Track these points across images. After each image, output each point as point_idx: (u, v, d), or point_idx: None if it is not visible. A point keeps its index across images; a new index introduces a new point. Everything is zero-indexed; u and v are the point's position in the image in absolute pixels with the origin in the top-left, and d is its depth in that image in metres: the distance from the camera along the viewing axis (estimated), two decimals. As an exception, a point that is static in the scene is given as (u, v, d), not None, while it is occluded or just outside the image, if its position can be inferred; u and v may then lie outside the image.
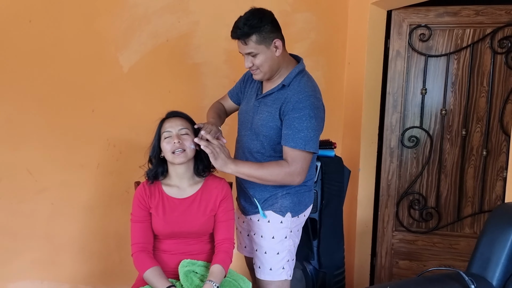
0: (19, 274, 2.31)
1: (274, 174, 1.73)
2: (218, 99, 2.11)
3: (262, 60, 1.72)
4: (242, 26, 1.66)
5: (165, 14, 2.39)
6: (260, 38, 1.68)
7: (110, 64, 2.33)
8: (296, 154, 1.72)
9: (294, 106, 1.71)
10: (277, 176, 1.73)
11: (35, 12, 2.19)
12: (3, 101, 2.19)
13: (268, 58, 1.72)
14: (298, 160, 1.72)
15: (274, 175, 1.73)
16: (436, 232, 2.68)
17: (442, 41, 2.57)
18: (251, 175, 1.74)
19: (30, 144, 2.25)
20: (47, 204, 2.31)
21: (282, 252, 1.85)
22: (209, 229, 1.79)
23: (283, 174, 1.73)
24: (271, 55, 1.72)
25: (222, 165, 1.70)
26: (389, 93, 2.66)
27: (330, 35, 2.76)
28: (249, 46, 1.69)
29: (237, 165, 1.73)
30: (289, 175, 1.73)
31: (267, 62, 1.73)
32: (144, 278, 1.69)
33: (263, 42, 1.69)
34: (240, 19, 1.70)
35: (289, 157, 1.73)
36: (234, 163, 1.73)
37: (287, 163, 1.73)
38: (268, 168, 1.74)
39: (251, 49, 1.70)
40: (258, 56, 1.71)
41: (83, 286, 2.41)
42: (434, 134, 2.63)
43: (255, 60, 1.72)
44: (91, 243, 2.41)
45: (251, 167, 1.75)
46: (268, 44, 1.70)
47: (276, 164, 1.75)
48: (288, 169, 1.72)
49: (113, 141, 2.38)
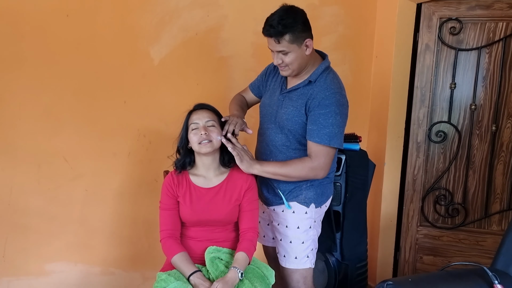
0: (55, 255, 2.44)
1: (298, 170, 1.80)
2: (239, 92, 2.16)
3: (292, 59, 1.75)
4: (276, 25, 1.67)
5: (195, 8, 2.44)
6: (293, 38, 1.70)
7: (142, 57, 2.41)
8: (320, 149, 1.77)
9: (320, 102, 1.75)
10: (301, 172, 1.80)
11: (72, 7, 2.29)
12: (42, 92, 2.31)
13: (298, 57, 1.75)
14: (321, 155, 1.78)
15: (298, 171, 1.80)
16: (462, 229, 2.65)
17: (473, 34, 2.52)
18: (276, 173, 1.82)
19: (66, 133, 2.37)
20: (81, 190, 2.43)
21: (307, 241, 1.90)
22: (234, 218, 1.85)
23: (307, 170, 1.79)
24: (301, 53, 1.75)
25: (248, 167, 1.79)
26: (417, 87, 2.63)
27: (358, 29, 2.75)
28: (282, 45, 1.71)
29: (262, 165, 1.82)
30: (312, 170, 1.79)
31: (297, 61, 1.76)
32: (172, 262, 1.77)
33: (295, 41, 1.71)
34: (274, 17, 1.70)
35: (313, 152, 1.78)
36: (259, 164, 1.82)
37: (310, 158, 1.79)
38: (291, 165, 1.81)
39: (283, 47, 1.72)
40: (289, 54, 1.74)
41: (113, 269, 2.53)
42: (462, 129, 2.59)
43: (285, 58, 1.75)
44: (121, 228, 2.51)
45: (275, 165, 1.82)
46: (299, 43, 1.72)
47: (299, 161, 1.82)
48: (311, 164, 1.78)
49: (143, 131, 2.47)
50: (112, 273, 2.53)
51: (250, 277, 1.75)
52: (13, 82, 2.27)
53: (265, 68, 2.06)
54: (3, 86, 2.26)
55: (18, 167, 2.33)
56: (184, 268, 1.72)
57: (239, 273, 1.69)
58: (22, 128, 2.31)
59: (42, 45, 2.28)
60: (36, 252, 2.41)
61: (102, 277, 2.51)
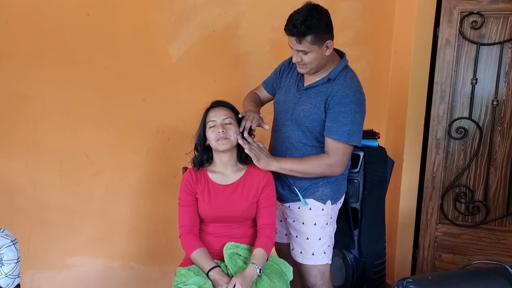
0: (77, 249, 2.51)
1: (315, 167, 1.81)
2: (253, 89, 2.16)
3: (312, 59, 1.75)
4: (299, 25, 1.66)
5: (212, 5, 2.46)
6: (315, 39, 1.69)
7: (160, 54, 2.44)
8: (338, 146, 1.78)
9: (340, 100, 1.76)
10: (319, 169, 1.81)
11: (92, 6, 2.33)
12: (63, 90, 2.37)
13: (318, 57, 1.75)
14: (339, 152, 1.79)
15: (316, 168, 1.81)
16: (483, 226, 2.60)
17: (495, 28, 2.46)
18: (293, 170, 1.83)
19: (87, 130, 2.42)
20: (102, 185, 2.48)
21: (324, 237, 1.91)
22: (252, 214, 1.86)
23: (324, 167, 1.81)
24: (321, 54, 1.75)
25: (266, 165, 1.81)
26: (436, 83, 2.59)
27: (376, 24, 2.72)
28: (303, 45, 1.71)
29: (279, 162, 1.83)
30: (329, 167, 1.80)
31: (316, 61, 1.76)
32: (191, 258, 1.79)
33: (317, 42, 1.71)
34: (297, 16, 1.69)
35: (330, 149, 1.79)
36: (276, 161, 1.83)
37: (328, 155, 1.80)
38: (309, 162, 1.82)
39: (303, 48, 1.72)
40: (309, 54, 1.74)
41: (133, 264, 2.58)
42: (484, 125, 2.54)
43: (305, 57, 1.75)
44: (140, 224, 2.56)
45: (293, 162, 1.83)
46: (321, 44, 1.72)
47: (316, 157, 1.83)
48: (328, 161, 1.79)
49: (162, 128, 2.50)
50: (132, 267, 2.58)
51: (268, 273, 1.77)
52: (35, 80, 2.34)
53: (278, 65, 2.07)
54: (26, 84, 2.33)
55: (41, 164, 2.40)
56: (203, 263, 1.75)
57: (258, 269, 1.71)
58: (44, 125, 2.37)
59: (63, 44, 2.33)
60: (58, 246, 2.48)
61: (122, 271, 2.56)
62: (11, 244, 1.57)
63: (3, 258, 1.56)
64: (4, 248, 1.56)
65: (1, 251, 1.55)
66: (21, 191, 2.40)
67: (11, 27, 2.27)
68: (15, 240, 1.59)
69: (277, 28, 2.51)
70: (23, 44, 2.30)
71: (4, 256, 1.56)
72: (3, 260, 1.57)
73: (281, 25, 1.61)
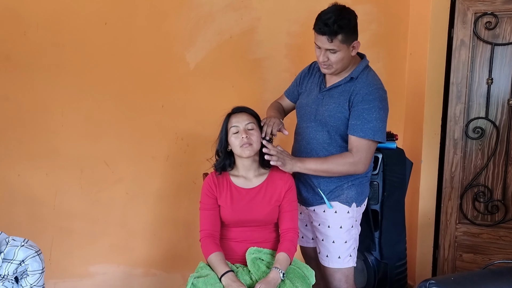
0: (98, 257, 2.51)
1: (339, 165, 1.82)
2: (276, 99, 2.19)
3: (338, 58, 1.77)
4: (332, 24, 1.69)
5: (228, 11, 2.48)
6: (345, 38, 1.73)
7: (178, 61, 2.46)
8: (363, 144, 1.80)
9: (364, 98, 1.78)
10: (343, 167, 1.82)
11: (110, 15, 2.35)
12: (83, 99, 2.38)
13: (345, 57, 1.78)
14: (362, 150, 1.80)
15: (340, 166, 1.82)
16: (502, 225, 2.60)
17: (510, 28, 2.47)
18: (317, 169, 1.84)
19: (107, 138, 2.43)
20: (123, 193, 2.49)
21: (349, 240, 1.91)
22: (274, 218, 1.87)
23: (348, 165, 1.82)
24: (347, 54, 1.78)
25: (291, 168, 1.82)
26: (452, 83, 2.60)
27: (391, 26, 2.73)
28: (333, 44, 1.73)
29: (304, 163, 1.84)
30: (353, 164, 1.81)
31: (342, 60, 1.79)
32: (208, 261, 1.81)
33: (346, 42, 1.74)
34: (328, 15, 1.71)
35: (354, 146, 1.81)
36: (300, 161, 1.84)
37: (351, 153, 1.81)
38: (332, 161, 1.83)
39: (333, 46, 1.74)
40: (337, 53, 1.76)
41: (155, 271, 2.59)
42: (500, 125, 2.55)
43: (332, 56, 1.77)
44: (161, 230, 2.56)
45: (317, 162, 1.84)
46: (349, 44, 1.75)
47: (339, 156, 1.84)
48: (352, 159, 1.81)
49: (181, 135, 2.51)
50: (154, 274, 2.58)
51: (291, 277, 1.77)
52: (55, 90, 2.35)
53: (297, 74, 2.10)
54: (46, 93, 2.34)
55: (62, 173, 2.41)
56: (218, 267, 1.75)
57: (281, 274, 1.71)
58: (64, 134, 2.38)
59: (81, 53, 2.35)
60: (80, 254, 2.48)
61: (144, 279, 2.57)
62: (35, 255, 1.57)
63: (28, 269, 1.57)
64: (29, 259, 1.56)
65: (25, 262, 1.55)
66: (42, 200, 2.40)
67: (29, 38, 2.29)
68: (39, 251, 1.60)
69: (293, 33, 2.54)
70: (42, 55, 2.31)
71: (29, 267, 1.56)
72: (28, 271, 1.57)
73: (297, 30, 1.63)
